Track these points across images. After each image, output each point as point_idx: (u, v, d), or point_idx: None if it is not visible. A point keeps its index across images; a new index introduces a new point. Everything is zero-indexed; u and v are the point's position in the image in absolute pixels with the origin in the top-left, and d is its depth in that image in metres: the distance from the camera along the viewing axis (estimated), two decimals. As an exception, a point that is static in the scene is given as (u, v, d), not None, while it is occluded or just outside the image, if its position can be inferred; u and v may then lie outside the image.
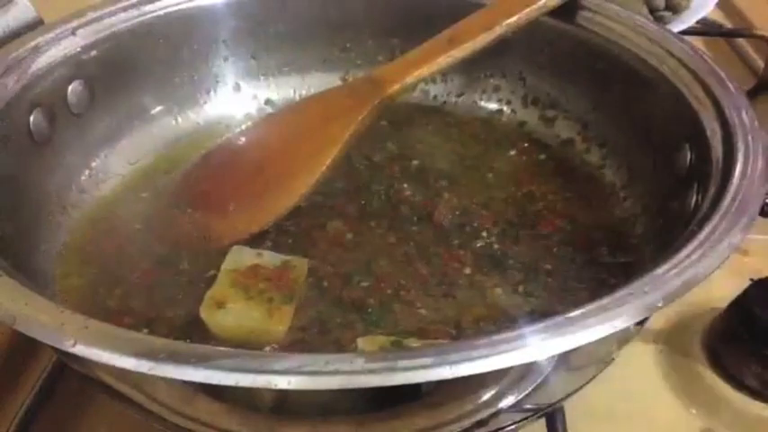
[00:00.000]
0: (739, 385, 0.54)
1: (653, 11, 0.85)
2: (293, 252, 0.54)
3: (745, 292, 0.56)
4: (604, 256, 0.54)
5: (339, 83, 0.72)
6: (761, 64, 0.87)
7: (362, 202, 0.60)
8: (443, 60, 0.60)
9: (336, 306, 0.50)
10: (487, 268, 0.54)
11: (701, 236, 0.38)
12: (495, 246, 0.56)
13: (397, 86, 0.60)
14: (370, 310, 0.50)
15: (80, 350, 0.32)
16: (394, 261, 0.54)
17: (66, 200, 0.58)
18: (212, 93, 0.70)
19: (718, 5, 0.89)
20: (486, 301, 0.51)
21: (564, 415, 0.49)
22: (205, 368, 0.31)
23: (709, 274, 0.36)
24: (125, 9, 0.62)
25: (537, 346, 0.32)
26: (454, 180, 0.62)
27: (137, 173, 0.63)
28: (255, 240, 0.56)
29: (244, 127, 0.68)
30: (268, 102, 0.72)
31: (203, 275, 0.53)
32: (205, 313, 0.48)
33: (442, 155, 0.65)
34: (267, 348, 0.47)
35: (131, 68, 0.63)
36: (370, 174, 0.63)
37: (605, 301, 0.35)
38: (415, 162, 0.64)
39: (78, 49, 0.58)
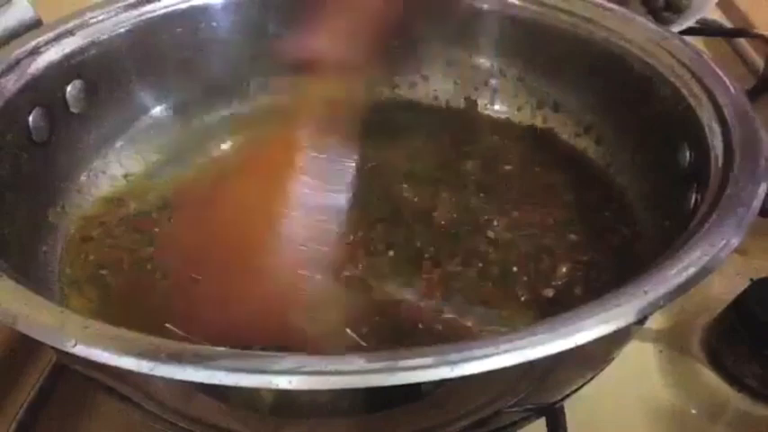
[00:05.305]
0: (739, 385, 0.54)
1: (653, 11, 0.85)
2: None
3: (745, 292, 0.56)
4: (604, 257, 0.54)
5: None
6: (761, 64, 0.87)
7: (362, 202, 0.60)
8: None
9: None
10: (488, 268, 0.54)
11: (701, 236, 0.38)
12: (496, 246, 0.56)
13: None
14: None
15: (80, 350, 0.32)
16: (394, 262, 0.54)
17: (66, 200, 0.58)
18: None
19: (719, 5, 0.89)
20: (488, 300, 0.51)
21: (564, 415, 0.49)
22: (205, 368, 0.31)
23: (710, 274, 0.36)
24: (125, 9, 0.62)
25: (537, 345, 0.32)
26: (454, 180, 0.62)
27: (137, 173, 0.63)
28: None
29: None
30: (269, 102, 0.71)
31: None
32: None
33: (441, 155, 0.65)
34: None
35: (131, 68, 0.63)
36: (370, 174, 0.63)
37: (604, 300, 0.35)
38: (414, 162, 0.64)
39: (78, 49, 0.58)
